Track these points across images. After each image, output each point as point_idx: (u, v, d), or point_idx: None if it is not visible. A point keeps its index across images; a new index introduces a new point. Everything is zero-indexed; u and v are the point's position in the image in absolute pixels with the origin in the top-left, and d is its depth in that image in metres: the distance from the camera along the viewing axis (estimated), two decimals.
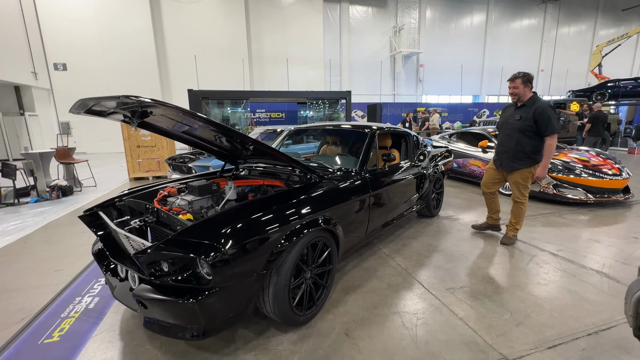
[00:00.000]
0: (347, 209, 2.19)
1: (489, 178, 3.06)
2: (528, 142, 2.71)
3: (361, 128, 2.89)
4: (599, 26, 21.25)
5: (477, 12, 19.28)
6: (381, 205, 2.63)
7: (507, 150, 2.81)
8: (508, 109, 2.92)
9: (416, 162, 3.38)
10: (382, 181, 2.65)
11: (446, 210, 4.09)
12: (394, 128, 3.29)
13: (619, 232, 3.24)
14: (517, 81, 2.69)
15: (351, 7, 17.90)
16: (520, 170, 2.78)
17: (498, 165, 2.92)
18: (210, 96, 9.51)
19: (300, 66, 16.69)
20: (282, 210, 1.73)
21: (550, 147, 2.66)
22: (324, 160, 2.81)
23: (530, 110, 2.67)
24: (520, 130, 2.71)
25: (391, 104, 17.80)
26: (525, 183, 2.82)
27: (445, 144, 6.21)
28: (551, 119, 2.61)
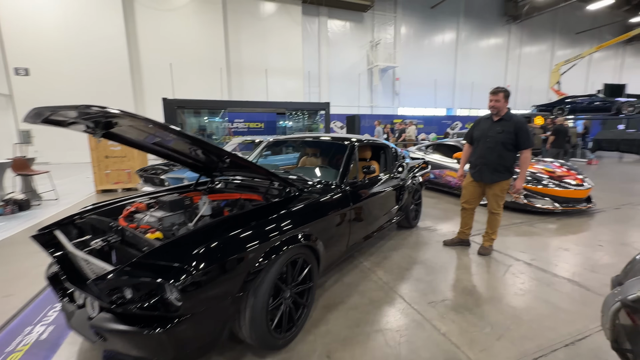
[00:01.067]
0: (327, 223, 2.14)
1: (470, 194, 3.07)
2: (508, 155, 2.80)
3: (341, 140, 2.88)
4: (556, 47, 23.07)
5: (448, 30, 20.35)
6: (362, 219, 2.60)
7: (488, 163, 2.85)
8: (483, 122, 2.98)
9: (395, 174, 3.41)
10: (363, 194, 2.62)
11: (424, 221, 4.14)
12: (373, 140, 3.31)
13: (584, 240, 3.40)
14: (500, 95, 2.77)
15: (329, 20, 18.31)
16: (500, 182, 2.85)
17: (478, 178, 2.95)
18: (186, 105, 9.25)
19: (279, 77, 16.74)
20: (260, 226, 1.65)
21: (527, 159, 2.77)
22: (304, 172, 2.75)
23: (510, 124, 2.76)
24: (502, 143, 2.77)
25: (369, 116, 18.15)
26: (503, 195, 2.90)
27: (421, 155, 6.37)
28: (529, 133, 2.75)
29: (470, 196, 3.07)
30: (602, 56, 24.18)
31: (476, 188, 3.01)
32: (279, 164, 4.36)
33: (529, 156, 2.78)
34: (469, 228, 3.18)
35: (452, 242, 3.25)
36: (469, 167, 3.08)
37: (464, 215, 3.17)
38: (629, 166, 9.92)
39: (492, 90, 2.83)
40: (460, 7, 20.13)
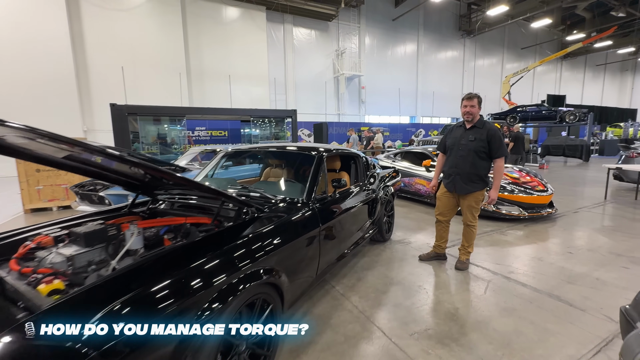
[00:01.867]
0: (293, 249, 1.81)
1: (444, 206, 2.90)
2: (481, 164, 2.66)
3: (307, 150, 2.57)
4: (505, 60, 25.01)
5: (409, 42, 21.19)
6: (333, 238, 2.30)
7: (461, 173, 2.70)
8: (455, 130, 2.84)
9: (367, 186, 3.17)
10: (334, 210, 2.33)
11: (397, 233, 3.95)
12: (342, 149, 3.05)
13: (554, 247, 3.39)
14: (474, 100, 2.64)
15: (295, 28, 18.20)
16: (474, 193, 2.71)
17: (452, 189, 2.79)
18: (139, 112, 8.43)
19: (244, 83, 16.21)
20: (203, 265, 1.27)
21: (500, 168, 2.65)
22: (266, 188, 2.40)
23: (483, 132, 2.63)
24: (475, 151, 2.63)
25: (336, 124, 18.20)
26: (478, 206, 2.77)
27: (390, 163, 6.27)
28: (502, 141, 2.63)
29: (444, 208, 2.90)
30: (544, 70, 26.64)
31: (450, 199, 2.85)
32: (240, 177, 3.95)
33: (503, 165, 2.67)
34: (444, 241, 3.01)
35: (428, 256, 3.05)
36: (442, 177, 2.92)
37: (438, 228, 2.99)
38: (574, 170, 10.75)
39: (466, 96, 2.70)
40: (419, 21, 21.10)
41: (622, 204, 5.36)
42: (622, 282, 2.54)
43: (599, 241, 3.52)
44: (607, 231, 3.88)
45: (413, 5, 19.31)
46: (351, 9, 18.92)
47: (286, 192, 2.34)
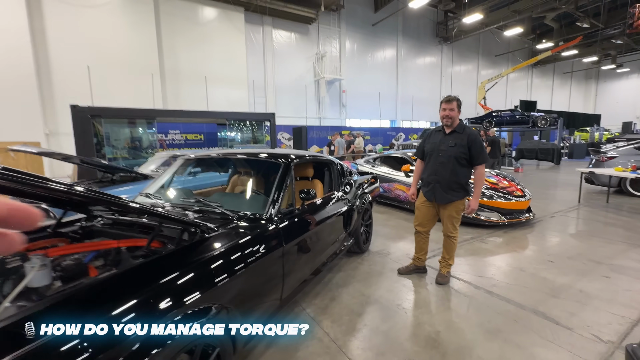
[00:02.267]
0: (250, 276, 1.53)
1: (424, 216, 2.71)
2: (462, 171, 2.50)
3: (274, 157, 2.30)
4: (480, 67, 25.85)
5: (389, 47, 21.44)
6: (302, 256, 2.05)
7: (441, 180, 2.53)
8: (434, 135, 2.67)
9: (342, 195, 2.94)
10: (302, 225, 2.08)
11: (375, 243, 3.74)
12: (315, 156, 2.81)
13: (535, 255, 3.30)
14: (454, 103, 2.47)
15: (274, 31, 17.94)
16: (455, 202, 2.54)
17: (431, 198, 2.60)
18: (103, 114, 7.84)
19: (222, 86, 15.74)
20: (119, 306, 0.98)
21: (482, 176, 2.50)
22: (225, 201, 2.11)
23: (463, 137, 2.47)
24: (456, 157, 2.47)
25: (317, 127, 18.04)
26: (459, 216, 2.60)
27: (369, 167, 6.11)
28: (483, 146, 2.49)
29: (423, 218, 2.72)
30: (516, 76, 27.76)
31: (430, 209, 2.67)
32: (206, 185, 3.62)
33: (484, 172, 2.52)
34: (424, 253, 2.82)
35: (408, 270, 2.85)
36: (421, 185, 2.74)
37: (418, 239, 2.80)
38: (546, 173, 11.07)
39: (445, 99, 2.53)
40: (398, 27, 21.40)
41: (595, 207, 5.44)
42: (606, 294, 2.43)
43: (578, 248, 3.47)
44: (584, 237, 3.85)
45: (392, 11, 19.57)
46: (331, 13, 18.92)
47: (247, 206, 2.06)
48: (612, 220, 4.55)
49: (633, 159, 6.24)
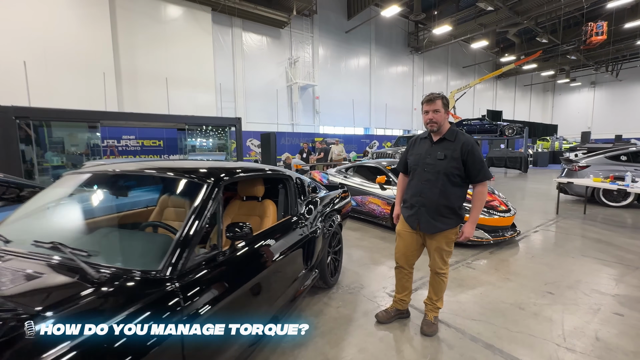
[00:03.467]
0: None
1: (407, 246, 2.10)
2: (454, 192, 1.92)
3: (193, 173, 1.58)
4: (450, 77, 26.63)
5: (362, 55, 21.41)
6: (227, 324, 1.35)
7: (427, 204, 1.94)
8: (419, 143, 2.07)
9: (302, 218, 2.29)
10: (228, 277, 1.38)
11: (346, 273, 3.11)
12: (264, 170, 2.14)
13: (530, 284, 2.82)
14: (437, 102, 1.89)
15: (244, 33, 17.20)
16: (445, 232, 1.97)
17: (415, 225, 2.01)
18: (31, 115, 6.66)
19: (187, 89, 14.67)
20: None
21: (482, 195, 1.93)
22: (106, 242, 1.38)
23: (456, 147, 1.88)
24: (446, 174, 1.89)
25: (290, 134, 17.43)
26: (450, 248, 2.03)
27: (341, 178, 5.53)
28: (483, 159, 1.91)
29: (406, 249, 2.12)
30: (482, 87, 28.94)
31: (414, 237, 2.08)
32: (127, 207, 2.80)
33: (485, 191, 1.95)
34: (407, 294, 2.21)
35: (387, 316, 2.22)
36: (403, 207, 2.15)
37: (400, 276, 2.19)
38: (516, 181, 11.15)
39: (426, 98, 1.96)
40: (371, 35, 21.47)
41: (574, 219, 5.21)
42: (629, 344, 1.96)
43: (574, 273, 3.05)
44: (576, 258, 3.46)
45: (364, 19, 19.57)
46: (304, 18, 18.54)
47: (138, 253, 1.34)
48: (596, 235, 4.27)
49: (605, 168, 6.18)
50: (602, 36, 16.11)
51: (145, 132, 11.61)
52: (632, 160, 6.16)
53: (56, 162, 7.99)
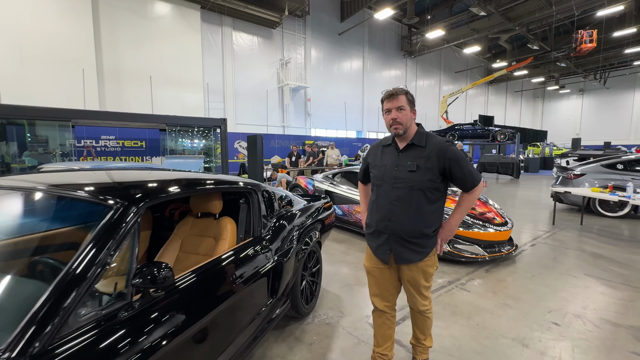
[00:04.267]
0: None
1: (383, 287, 1.67)
2: (430, 211, 1.53)
3: (92, 191, 1.16)
4: (442, 82, 26.65)
5: (355, 58, 21.21)
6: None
7: (398, 229, 1.53)
8: (383, 152, 1.66)
9: (267, 240, 1.91)
10: (133, 342, 1.00)
11: (326, 296, 2.74)
12: (220, 181, 1.75)
13: (532, 311, 2.49)
14: (401, 98, 1.51)
15: (235, 33, 16.80)
16: (421, 263, 1.56)
17: (386, 258, 1.59)
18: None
19: (174, 89, 14.18)
20: None
21: (470, 202, 1.57)
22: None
23: (429, 154, 1.50)
24: (422, 190, 1.50)
25: (280, 136, 17.06)
26: (429, 282, 1.63)
27: (327, 185, 5.17)
28: (467, 161, 1.54)
29: (381, 289, 1.67)
30: (474, 93, 29.06)
31: (387, 273, 1.64)
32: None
33: (477, 197, 1.58)
34: (389, 346, 1.72)
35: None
36: (367, 233, 1.71)
37: (379, 322, 1.72)
38: (509, 187, 10.96)
39: (386, 93, 1.56)
40: (364, 38, 21.30)
41: (571, 230, 4.95)
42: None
43: (579, 297, 2.74)
44: (579, 278, 3.16)
45: (358, 21, 19.39)
46: (296, 19, 18.26)
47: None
48: (596, 250, 4.00)
49: (601, 177, 5.97)
50: (591, 44, 16.20)
51: (127, 132, 11.09)
52: (627, 168, 5.96)
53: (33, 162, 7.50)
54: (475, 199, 1.58)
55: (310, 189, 5.51)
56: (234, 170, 13.09)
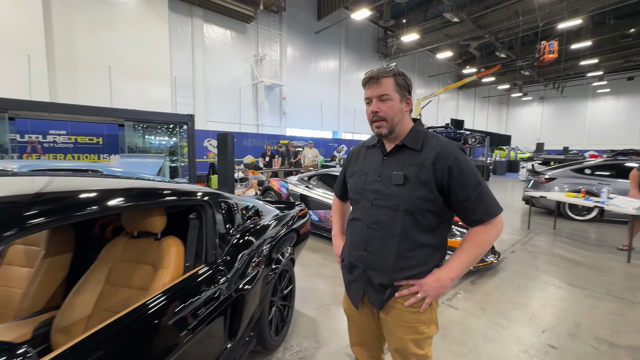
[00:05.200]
0: None
1: (364, 334, 1.25)
2: (425, 242, 1.06)
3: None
4: (416, 85, 27.19)
5: (332, 57, 21.01)
6: None
7: (379, 264, 1.09)
8: (369, 154, 1.22)
9: (223, 266, 1.50)
10: None
11: (299, 320, 2.38)
12: (156, 191, 1.32)
13: (525, 332, 2.28)
14: (385, 83, 1.06)
15: (206, 25, 15.95)
16: (409, 315, 1.08)
17: (357, 298, 1.17)
18: None
19: (137, 80, 13.14)
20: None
21: (485, 243, 1.04)
22: None
23: (425, 161, 1.04)
24: (410, 212, 1.04)
25: (254, 135, 16.45)
26: (423, 350, 1.13)
27: (303, 189, 4.81)
28: (481, 181, 1.04)
29: (362, 337, 1.27)
30: (446, 97, 30.00)
31: (366, 317, 1.21)
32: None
33: (492, 237, 1.05)
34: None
35: None
36: (342, 264, 1.27)
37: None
38: None
39: (366, 76, 1.12)
40: (341, 38, 21.18)
41: (546, 235, 4.96)
42: None
43: (570, 312, 2.58)
44: (565, 288, 3.04)
45: (335, 20, 19.20)
46: (272, 14, 17.71)
47: None
48: (574, 256, 3.97)
49: (570, 181, 6.11)
50: (553, 54, 17.16)
51: (81, 127, 10.02)
52: (594, 173, 6.15)
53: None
54: (492, 238, 1.05)
55: (284, 192, 5.11)
56: (203, 170, 12.33)
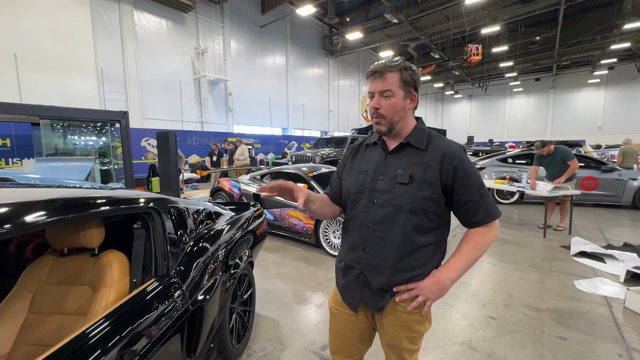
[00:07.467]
0: None
1: (346, 337, 1.18)
2: (426, 242, 1.04)
3: None
4: (361, 83, 28.23)
5: (278, 53, 20.68)
6: None
7: (378, 266, 1.05)
8: (364, 153, 1.18)
9: (177, 278, 1.37)
10: None
11: (261, 323, 2.31)
12: (89, 200, 1.15)
13: (470, 308, 2.53)
14: (389, 78, 1.02)
15: (137, 12, 14.47)
16: (405, 315, 1.06)
17: (355, 303, 1.12)
18: None
19: (53, 73, 11.40)
20: None
21: (481, 242, 1.04)
22: None
23: (430, 161, 1.02)
24: (414, 211, 1.01)
25: (199, 133, 15.49)
26: (416, 345, 1.11)
27: (256, 187, 4.66)
28: (483, 183, 1.05)
29: (344, 340, 1.19)
30: None
31: (353, 321, 1.16)
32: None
33: (490, 239, 1.05)
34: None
35: None
36: (337, 266, 1.21)
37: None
38: None
39: (370, 70, 1.07)
40: (287, 34, 20.95)
41: None
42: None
43: (504, 285, 2.93)
44: (498, 264, 3.45)
45: (279, 15, 18.91)
46: (212, 5, 16.77)
47: None
48: (502, 235, 4.52)
49: (497, 170, 6.94)
50: (478, 57, 19.19)
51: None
52: (515, 162, 7.07)
53: None
54: (491, 240, 1.05)
55: (236, 192, 4.91)
56: (143, 172, 11.24)
